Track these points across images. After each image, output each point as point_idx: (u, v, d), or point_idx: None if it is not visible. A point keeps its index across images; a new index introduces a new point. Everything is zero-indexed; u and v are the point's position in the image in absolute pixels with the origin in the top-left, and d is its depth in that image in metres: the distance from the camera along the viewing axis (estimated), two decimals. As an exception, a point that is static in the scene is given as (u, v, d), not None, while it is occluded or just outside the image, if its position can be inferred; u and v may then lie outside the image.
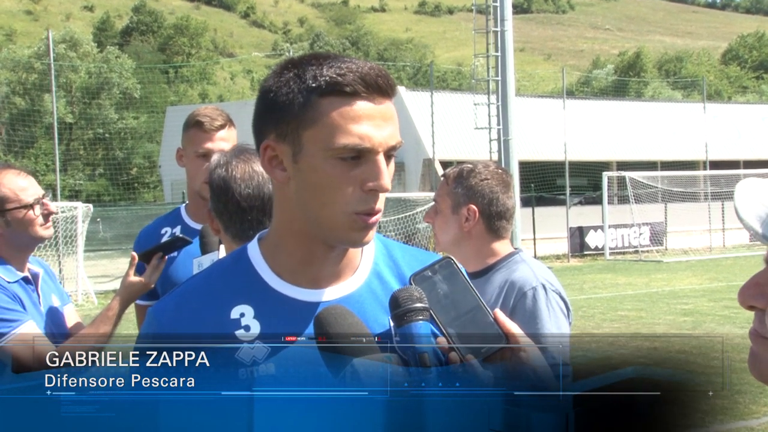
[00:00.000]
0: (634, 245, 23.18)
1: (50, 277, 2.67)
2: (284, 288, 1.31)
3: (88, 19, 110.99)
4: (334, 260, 1.31)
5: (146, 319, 1.35)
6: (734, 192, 0.83)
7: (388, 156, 1.24)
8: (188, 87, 63.42)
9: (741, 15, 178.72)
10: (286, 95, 1.23)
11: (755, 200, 0.81)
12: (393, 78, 1.25)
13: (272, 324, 1.29)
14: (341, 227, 1.24)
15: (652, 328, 10.27)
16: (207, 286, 1.33)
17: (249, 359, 1.26)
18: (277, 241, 1.32)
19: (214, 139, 2.68)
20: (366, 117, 1.20)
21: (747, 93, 71.91)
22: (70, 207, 16.35)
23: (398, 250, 1.42)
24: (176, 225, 2.81)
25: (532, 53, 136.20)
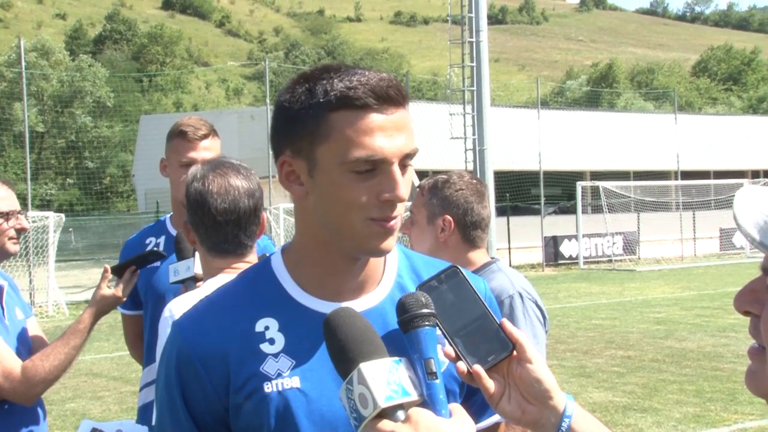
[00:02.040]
0: (607, 254, 23.40)
1: (14, 290, 2.62)
2: (308, 301, 1.30)
3: (60, 27, 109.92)
4: (357, 272, 1.31)
5: (171, 333, 1.34)
6: (734, 199, 0.84)
7: (404, 165, 1.24)
8: (162, 96, 63.00)
9: (710, 28, 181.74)
10: (298, 111, 1.23)
11: (754, 208, 0.83)
12: (404, 86, 1.24)
13: (297, 337, 1.28)
14: (361, 236, 1.24)
15: (625, 336, 10.35)
16: (231, 299, 1.32)
17: (274, 372, 1.26)
18: (300, 254, 1.32)
19: (197, 148, 2.68)
20: (378, 128, 1.21)
21: (717, 104, 73.07)
22: (41, 217, 16.14)
23: (420, 261, 1.42)
24: (161, 235, 2.81)
25: (507, 64, 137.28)
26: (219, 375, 1.26)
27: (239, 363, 1.26)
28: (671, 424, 6.18)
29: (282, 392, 1.25)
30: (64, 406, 7.38)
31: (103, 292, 2.45)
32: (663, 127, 33.07)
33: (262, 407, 1.25)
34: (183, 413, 1.28)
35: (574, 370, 8.25)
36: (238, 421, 1.27)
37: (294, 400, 1.25)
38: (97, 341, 10.77)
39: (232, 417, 1.27)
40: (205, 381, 1.26)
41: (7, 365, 2.32)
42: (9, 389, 2.32)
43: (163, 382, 1.32)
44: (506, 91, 77.12)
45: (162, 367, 1.33)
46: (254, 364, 1.26)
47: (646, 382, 7.59)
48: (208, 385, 1.26)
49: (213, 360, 1.26)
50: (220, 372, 1.26)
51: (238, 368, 1.26)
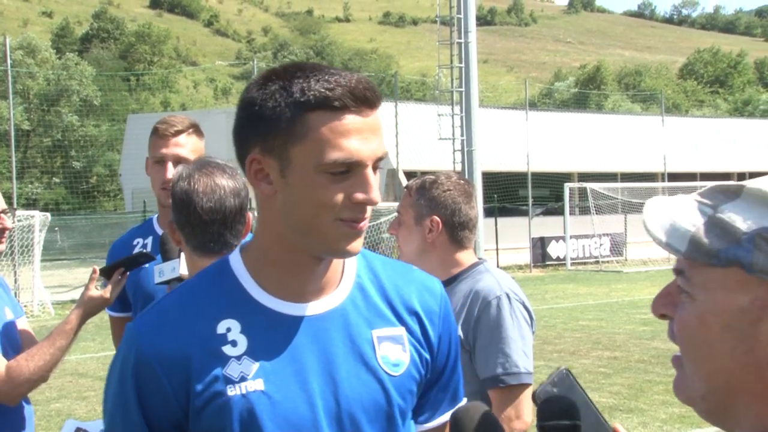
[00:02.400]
0: (594, 255, 23.48)
1: (3, 290, 2.60)
2: (270, 302, 1.29)
3: (46, 25, 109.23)
4: (319, 273, 1.30)
5: (126, 336, 1.30)
6: (644, 208, 0.89)
7: (375, 167, 1.24)
8: (150, 95, 62.72)
9: (697, 30, 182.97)
10: (272, 108, 1.21)
11: (660, 213, 0.87)
12: (378, 89, 1.24)
13: (260, 339, 1.26)
14: (330, 237, 1.23)
15: (612, 337, 10.39)
16: (190, 301, 1.30)
17: (237, 375, 1.24)
18: (262, 254, 1.30)
19: (168, 144, 2.64)
20: (355, 131, 1.20)
21: (703, 107, 73.57)
22: (27, 216, 16.02)
23: (379, 262, 1.42)
24: (148, 236, 2.79)
25: (496, 65, 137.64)
26: (179, 379, 1.23)
27: (201, 366, 1.24)
28: (657, 424, 6.21)
29: (246, 395, 1.23)
30: (49, 406, 7.33)
31: (91, 294, 2.43)
32: (650, 129, 33.25)
33: (225, 411, 1.23)
34: (137, 419, 1.25)
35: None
36: (199, 425, 1.24)
37: (258, 404, 1.23)
38: (83, 341, 10.71)
39: (192, 421, 1.24)
40: (165, 385, 1.24)
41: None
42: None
43: (115, 388, 1.28)
44: (495, 92, 77.29)
45: (115, 372, 1.29)
46: (217, 366, 1.24)
47: (632, 382, 7.63)
48: (168, 388, 1.24)
49: (173, 363, 1.24)
50: (181, 375, 1.23)
51: (200, 371, 1.23)
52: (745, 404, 0.82)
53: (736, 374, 0.82)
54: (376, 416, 1.30)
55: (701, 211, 0.84)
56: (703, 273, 0.83)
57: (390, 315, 1.36)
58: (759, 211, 0.80)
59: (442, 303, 1.44)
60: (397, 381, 1.32)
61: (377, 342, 1.32)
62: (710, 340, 0.83)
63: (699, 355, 0.84)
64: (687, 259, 0.84)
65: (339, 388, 1.28)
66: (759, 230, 0.79)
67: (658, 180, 30.62)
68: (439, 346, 1.41)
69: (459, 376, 1.49)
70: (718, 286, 0.82)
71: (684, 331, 0.85)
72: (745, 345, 0.80)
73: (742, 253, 0.80)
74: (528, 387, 2.22)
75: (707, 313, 0.83)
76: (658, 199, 0.89)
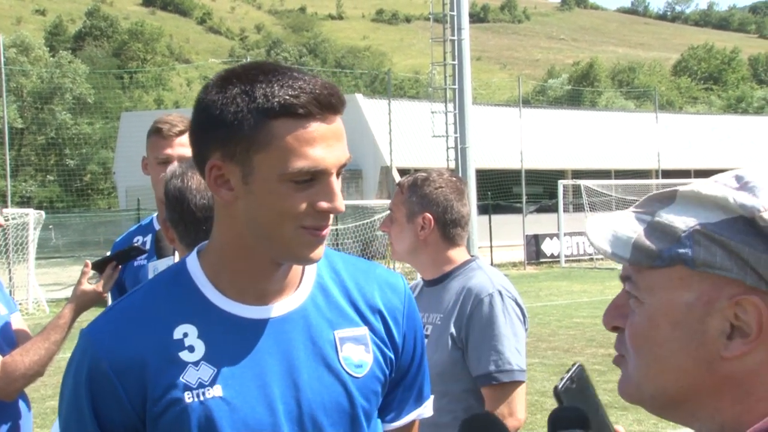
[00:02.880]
0: (589, 253, 23.52)
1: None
2: (228, 305, 1.26)
3: (39, 23, 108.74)
4: (280, 276, 1.28)
5: (79, 341, 1.28)
6: (585, 227, 0.92)
7: (338, 173, 1.22)
8: (143, 93, 62.53)
9: (691, 27, 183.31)
10: (234, 114, 1.17)
11: (602, 226, 0.90)
12: (342, 93, 1.22)
13: (217, 344, 1.24)
14: (292, 244, 1.21)
15: (606, 334, 10.40)
16: (146, 305, 1.27)
17: (195, 381, 1.22)
18: (220, 258, 1.27)
19: (173, 145, 2.66)
20: (320, 138, 1.18)
21: (697, 104, 73.72)
22: (21, 214, 15.98)
23: (340, 261, 1.40)
24: (148, 234, 2.80)
25: (489, 62, 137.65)
26: (135, 386, 1.21)
27: (157, 372, 1.21)
28: (651, 422, 6.23)
29: (204, 402, 1.21)
30: (44, 403, 7.33)
31: (84, 288, 2.44)
32: (644, 126, 33.32)
33: (182, 418, 1.20)
34: (91, 426, 1.23)
35: (556, 368, 8.30)
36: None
37: (217, 410, 1.21)
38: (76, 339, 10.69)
39: (149, 428, 1.22)
40: (119, 392, 1.21)
41: None
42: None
43: (70, 395, 1.26)
44: (488, 89, 77.34)
45: (69, 378, 1.27)
46: (173, 373, 1.21)
47: (627, 379, 7.65)
48: (123, 396, 1.21)
49: (128, 370, 1.21)
50: (136, 382, 1.21)
51: (156, 378, 1.21)
52: (699, 400, 0.84)
53: (690, 370, 0.83)
54: (339, 419, 1.29)
55: (640, 219, 0.88)
56: (649, 276, 0.85)
57: (353, 314, 1.34)
58: (695, 211, 0.84)
59: (406, 300, 1.41)
60: (360, 382, 1.30)
61: (339, 343, 1.30)
62: (661, 340, 0.85)
63: (651, 357, 0.86)
64: (632, 265, 0.87)
65: (300, 392, 1.26)
66: (696, 226, 0.82)
67: (652, 177, 30.69)
68: (404, 344, 1.39)
69: (425, 374, 1.47)
70: (664, 286, 0.84)
71: (635, 335, 0.88)
72: (696, 341, 0.83)
73: (684, 250, 0.82)
74: (521, 384, 2.23)
75: (656, 314, 0.85)
76: (598, 215, 0.93)
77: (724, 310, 0.81)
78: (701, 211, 0.83)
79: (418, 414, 1.47)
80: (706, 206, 0.83)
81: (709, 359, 0.82)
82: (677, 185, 0.93)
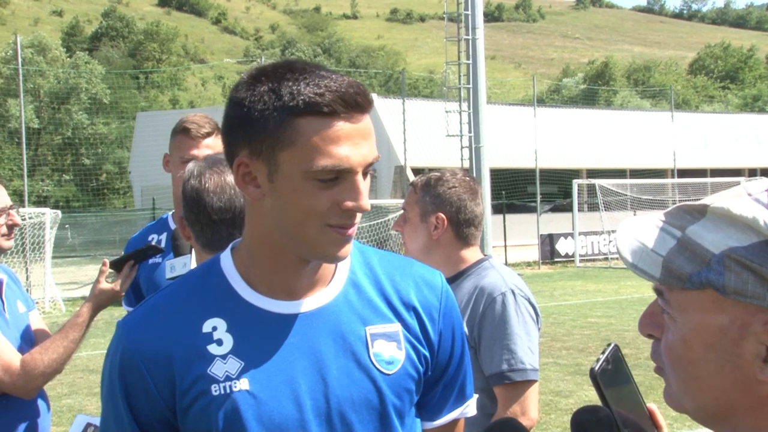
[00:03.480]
0: (603, 252, 23.42)
1: (15, 283, 2.63)
2: (258, 300, 1.27)
3: (56, 24, 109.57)
4: (309, 272, 1.28)
5: (116, 332, 1.31)
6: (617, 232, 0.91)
7: (365, 172, 1.22)
8: (159, 93, 62.85)
9: (707, 25, 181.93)
10: (261, 111, 1.18)
11: (630, 235, 0.89)
12: (369, 92, 1.22)
13: (246, 338, 1.25)
14: (317, 242, 1.21)
15: (621, 334, 10.37)
16: (177, 299, 1.29)
17: (222, 374, 1.23)
18: (250, 254, 1.29)
19: (200, 146, 2.66)
20: (345, 137, 1.17)
21: (713, 102, 73.15)
22: (37, 213, 16.10)
23: (375, 256, 1.39)
24: (163, 232, 2.81)
25: (503, 61, 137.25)
26: (163, 377, 1.23)
27: (185, 365, 1.23)
28: (668, 422, 6.18)
29: (230, 395, 1.22)
30: (60, 402, 7.38)
31: (102, 287, 2.46)
32: (659, 125, 33.11)
33: (209, 410, 1.21)
34: (126, 416, 1.25)
35: (570, 368, 8.27)
36: (186, 424, 1.24)
37: (243, 403, 1.22)
38: (93, 338, 10.77)
39: (180, 420, 1.24)
40: (149, 383, 1.23)
41: (6, 359, 2.33)
42: (9, 383, 2.34)
43: (107, 384, 1.29)
44: (502, 88, 77.12)
45: (106, 368, 1.30)
46: (201, 366, 1.23)
47: (642, 380, 7.62)
48: (152, 387, 1.23)
49: (157, 362, 1.23)
50: (165, 374, 1.23)
51: (184, 370, 1.22)
52: (739, 417, 0.83)
53: (727, 390, 0.82)
54: (368, 415, 1.28)
55: (669, 233, 0.86)
56: (680, 296, 0.84)
57: (386, 311, 1.33)
58: (725, 231, 0.81)
59: (444, 297, 1.40)
60: (391, 379, 1.29)
61: (370, 339, 1.29)
62: (696, 361, 0.84)
63: (686, 375, 0.85)
64: (663, 284, 0.85)
65: (329, 387, 1.25)
66: (727, 251, 0.80)
67: (668, 176, 30.50)
68: (440, 342, 1.38)
69: (466, 373, 1.46)
70: (696, 309, 0.83)
71: (671, 353, 0.86)
72: (731, 363, 0.81)
73: (714, 276, 0.81)
74: (534, 383, 2.22)
75: (689, 335, 0.84)
76: (629, 221, 0.91)
77: (759, 335, 0.80)
78: (732, 232, 0.81)
79: (460, 413, 1.45)
80: (737, 226, 0.81)
81: (745, 382, 0.81)
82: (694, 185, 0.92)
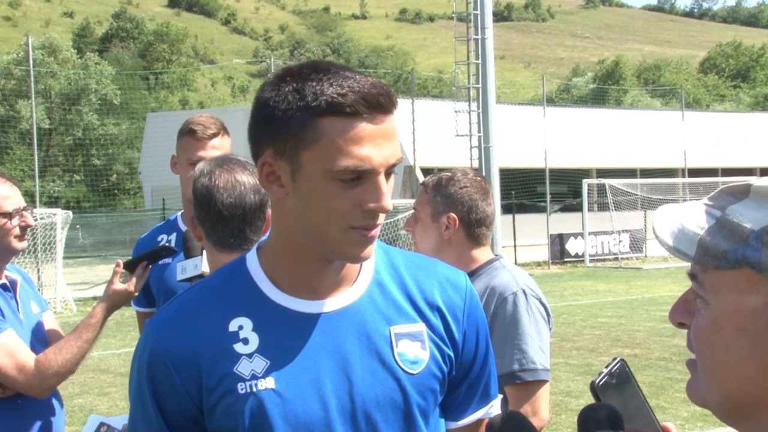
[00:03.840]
0: (614, 252, 23.34)
1: (28, 284, 2.65)
2: (284, 300, 1.28)
3: (67, 26, 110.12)
4: (333, 271, 1.29)
5: (144, 332, 1.33)
6: (654, 214, 0.88)
7: (388, 173, 1.22)
8: (169, 93, 63.07)
9: (718, 24, 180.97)
10: (284, 111, 1.19)
11: (669, 218, 0.86)
12: (394, 93, 1.21)
13: (272, 337, 1.26)
14: (340, 243, 1.22)
15: (632, 335, 10.33)
16: (204, 299, 1.31)
17: (248, 373, 1.24)
18: (275, 254, 1.30)
19: (206, 147, 2.67)
20: (367, 138, 1.18)
21: (725, 101, 72.77)
22: (49, 214, 16.19)
23: (399, 257, 1.39)
24: (172, 232, 2.82)
25: (513, 61, 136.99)
26: (190, 376, 1.24)
27: (212, 363, 1.24)
28: (678, 422, 6.16)
29: (256, 393, 1.23)
30: (72, 401, 7.42)
31: (116, 287, 2.47)
32: (670, 125, 32.96)
33: (235, 408, 1.23)
34: (154, 413, 1.26)
35: (580, 368, 8.24)
36: (213, 422, 1.25)
37: (269, 402, 1.23)
38: (104, 338, 10.82)
39: (207, 418, 1.25)
40: (176, 382, 1.25)
41: (20, 359, 2.35)
42: (23, 383, 2.35)
43: (135, 382, 1.30)
44: (512, 88, 76.99)
45: (134, 367, 1.31)
46: (227, 364, 1.24)
47: (653, 380, 7.59)
48: (180, 386, 1.25)
49: (184, 360, 1.24)
50: (192, 373, 1.24)
51: (211, 369, 1.24)
52: (764, 412, 0.80)
53: (755, 379, 0.79)
54: (393, 415, 1.28)
55: (710, 213, 0.83)
56: (714, 276, 0.81)
57: (410, 310, 1.33)
58: (767, 209, 0.78)
59: (468, 297, 1.40)
60: (415, 379, 1.30)
61: (395, 339, 1.30)
62: (726, 346, 0.80)
63: (715, 363, 0.82)
64: (698, 264, 0.82)
65: (354, 387, 1.26)
66: (766, 227, 0.77)
67: (679, 176, 30.36)
68: (465, 342, 1.38)
69: (491, 373, 1.46)
70: (730, 289, 0.80)
71: (700, 338, 0.84)
72: (763, 349, 0.78)
73: (750, 252, 0.77)
74: (545, 383, 2.22)
75: (721, 318, 0.81)
76: (670, 206, 0.88)
77: None
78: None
79: (485, 413, 1.45)
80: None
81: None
82: (705, 184, 0.91)
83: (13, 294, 2.51)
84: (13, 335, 2.36)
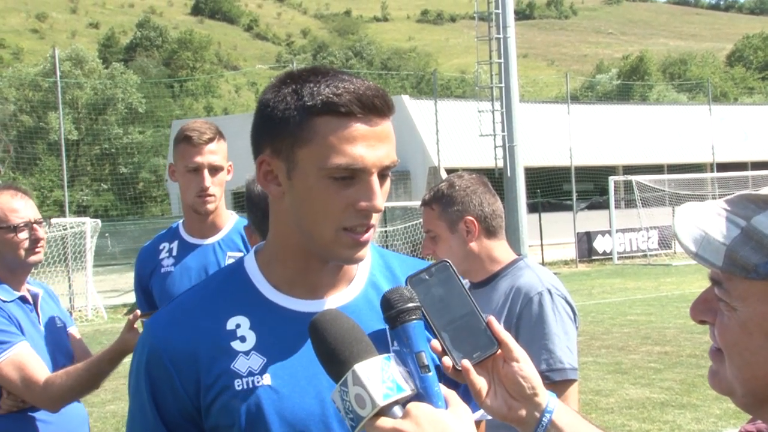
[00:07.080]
0: (642, 249, 23.11)
1: (53, 300, 2.67)
2: (280, 299, 1.30)
3: (93, 36, 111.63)
4: (329, 272, 1.31)
5: (143, 332, 1.35)
6: (674, 217, 0.89)
7: (383, 175, 1.24)
8: (193, 101, 63.64)
9: (745, 16, 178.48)
10: (282, 111, 1.23)
11: (691, 223, 0.88)
12: (390, 97, 1.24)
13: (268, 335, 1.28)
14: (332, 244, 1.24)
15: (662, 332, 10.21)
16: (202, 299, 1.33)
17: (245, 370, 1.26)
18: (273, 254, 1.32)
19: (203, 152, 2.67)
20: (360, 138, 1.20)
21: (753, 94, 71.71)
22: (78, 222, 16.42)
23: (395, 260, 1.42)
24: (174, 240, 2.83)
25: (536, 59, 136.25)
26: (189, 375, 1.26)
27: (209, 361, 1.26)
28: (711, 420, 6.08)
29: (253, 390, 1.24)
30: (104, 408, 7.51)
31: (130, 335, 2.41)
32: (697, 119, 32.56)
33: (232, 405, 1.24)
34: (152, 413, 1.28)
35: (610, 366, 8.17)
36: (210, 420, 1.26)
37: (265, 398, 1.24)
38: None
39: (204, 416, 1.27)
40: (175, 381, 1.26)
41: (29, 373, 2.35)
42: (29, 398, 2.38)
43: (133, 382, 1.32)
44: (535, 86, 76.54)
45: (133, 366, 1.33)
46: (225, 361, 1.25)
47: (684, 378, 7.49)
48: (178, 385, 1.26)
49: (183, 360, 1.26)
50: (190, 372, 1.26)
51: (209, 367, 1.26)
52: None
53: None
54: None
55: (732, 221, 0.85)
56: (742, 285, 0.84)
57: None
58: None
59: None
60: None
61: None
62: (754, 348, 0.84)
63: (743, 362, 0.86)
64: (725, 273, 0.85)
65: None
66: None
67: (707, 171, 29.97)
68: None
69: None
70: (759, 299, 0.83)
71: (726, 337, 0.87)
72: None
73: None
74: (574, 383, 2.20)
75: (750, 324, 0.84)
76: (688, 207, 0.89)
77: None
78: None
79: (482, 414, 1.44)
80: None
81: None
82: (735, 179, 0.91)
83: (34, 307, 2.52)
84: (26, 348, 2.37)
